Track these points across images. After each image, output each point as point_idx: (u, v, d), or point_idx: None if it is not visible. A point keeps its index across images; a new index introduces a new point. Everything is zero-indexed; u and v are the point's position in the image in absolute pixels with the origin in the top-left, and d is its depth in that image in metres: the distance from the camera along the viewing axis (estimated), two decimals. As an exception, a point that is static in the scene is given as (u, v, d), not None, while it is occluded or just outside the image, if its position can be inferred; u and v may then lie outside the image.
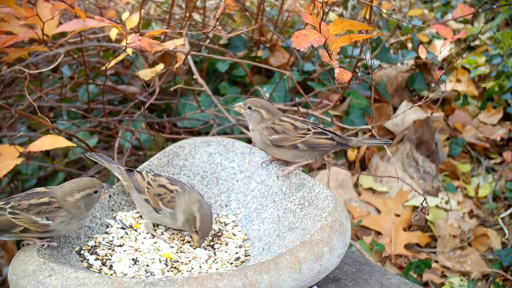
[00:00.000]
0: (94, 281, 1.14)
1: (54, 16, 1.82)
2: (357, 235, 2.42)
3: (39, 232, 1.29)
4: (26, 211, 1.29)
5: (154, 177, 1.50)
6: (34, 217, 1.29)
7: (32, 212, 1.29)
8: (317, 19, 1.37)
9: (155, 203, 1.45)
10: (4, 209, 1.29)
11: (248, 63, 2.09)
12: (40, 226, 1.29)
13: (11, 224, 1.28)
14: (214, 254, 1.40)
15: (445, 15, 4.47)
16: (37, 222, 1.29)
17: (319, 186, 1.46)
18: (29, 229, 1.28)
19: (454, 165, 2.82)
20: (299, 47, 1.34)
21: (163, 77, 2.42)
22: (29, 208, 1.29)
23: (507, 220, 2.51)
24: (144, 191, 1.47)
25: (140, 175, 1.50)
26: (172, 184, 1.47)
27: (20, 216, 1.28)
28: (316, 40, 1.36)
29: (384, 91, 2.97)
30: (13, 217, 1.28)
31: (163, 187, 1.47)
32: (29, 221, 1.28)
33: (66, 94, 2.57)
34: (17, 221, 1.28)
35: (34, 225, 1.28)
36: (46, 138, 1.71)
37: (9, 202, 1.30)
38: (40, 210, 1.29)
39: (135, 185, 1.48)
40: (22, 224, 1.28)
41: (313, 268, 1.22)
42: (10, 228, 1.28)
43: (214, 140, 1.72)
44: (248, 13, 2.73)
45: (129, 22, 2.15)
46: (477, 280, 2.26)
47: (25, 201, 1.30)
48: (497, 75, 3.46)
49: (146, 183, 1.48)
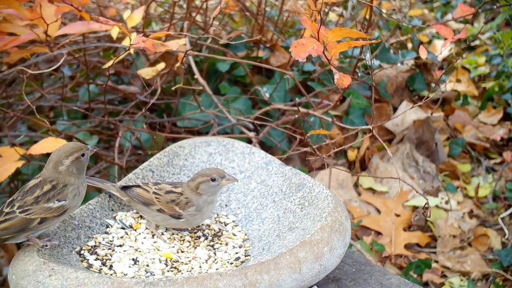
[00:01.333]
0: (94, 281, 1.15)
1: (58, 18, 1.81)
2: (357, 235, 2.42)
3: (56, 216, 1.31)
4: (36, 204, 1.30)
5: (156, 185, 1.49)
6: (46, 204, 1.30)
7: (42, 201, 1.30)
8: (316, 26, 1.37)
9: (171, 209, 1.45)
10: (13, 212, 1.30)
11: (248, 63, 2.09)
12: (55, 210, 1.30)
13: (27, 221, 1.29)
14: (214, 254, 1.40)
15: (445, 15, 4.47)
16: (51, 207, 1.30)
17: (319, 186, 1.46)
18: (46, 218, 1.30)
19: (454, 165, 2.82)
20: (297, 57, 1.35)
21: (164, 76, 2.42)
22: (37, 200, 1.30)
23: (507, 220, 2.51)
24: (154, 203, 1.46)
25: (141, 189, 1.49)
26: (175, 187, 1.48)
27: (32, 210, 1.29)
28: (314, 49, 1.36)
29: (384, 91, 2.97)
30: (26, 214, 1.29)
31: (172, 193, 1.47)
32: (43, 211, 1.29)
33: (67, 94, 2.57)
34: (32, 215, 1.29)
35: (49, 212, 1.30)
36: (47, 141, 1.72)
37: (14, 205, 1.31)
38: (48, 197, 1.31)
39: (140, 200, 1.47)
40: (37, 216, 1.29)
41: (313, 268, 1.22)
42: (27, 224, 1.29)
43: (214, 140, 1.73)
44: (248, 13, 2.73)
45: (130, 20, 2.14)
46: (477, 280, 2.26)
47: (29, 197, 1.31)
48: (497, 75, 3.46)
49: (153, 194, 1.47)
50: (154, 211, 1.46)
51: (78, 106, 2.53)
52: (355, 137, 2.72)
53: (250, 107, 2.58)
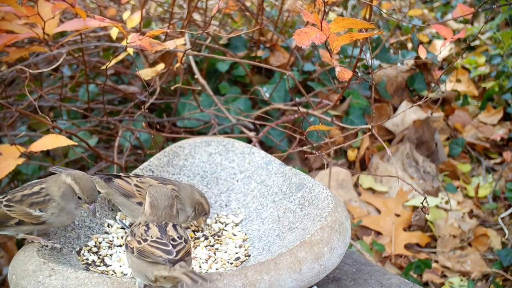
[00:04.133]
0: (94, 281, 1.14)
1: (55, 15, 1.81)
2: (357, 235, 2.42)
3: (34, 224, 1.31)
4: (20, 203, 1.30)
5: (139, 178, 1.46)
6: (28, 209, 1.30)
7: (25, 203, 1.30)
8: (318, 17, 1.37)
9: None
10: (0, 202, 1.31)
11: (248, 62, 2.09)
12: (34, 218, 1.30)
13: (6, 217, 1.29)
14: (214, 254, 1.40)
15: (445, 15, 4.47)
16: (31, 214, 1.30)
17: (319, 186, 1.46)
18: (23, 221, 1.30)
19: (454, 165, 2.82)
20: (300, 44, 1.34)
21: (163, 76, 2.42)
22: (22, 199, 1.31)
23: (507, 220, 2.51)
24: (135, 195, 1.44)
25: (122, 180, 1.46)
26: (163, 184, 1.43)
27: (14, 208, 1.30)
28: (317, 37, 1.36)
29: (384, 91, 2.97)
30: (8, 210, 1.30)
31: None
32: (23, 213, 1.29)
33: (66, 94, 2.57)
34: (12, 213, 1.29)
35: (28, 217, 1.30)
36: (47, 138, 1.71)
37: (6, 196, 1.32)
38: (32, 201, 1.30)
39: (120, 191, 1.45)
40: (16, 216, 1.29)
41: (313, 268, 1.22)
42: (6, 220, 1.29)
43: (214, 140, 1.72)
44: (248, 13, 2.73)
45: (130, 21, 2.14)
46: (477, 280, 2.26)
47: (19, 193, 1.32)
48: (497, 75, 3.45)
49: (134, 186, 1.44)
50: (134, 203, 1.44)
51: (77, 106, 2.53)
52: (355, 137, 2.72)
53: (250, 107, 2.58)
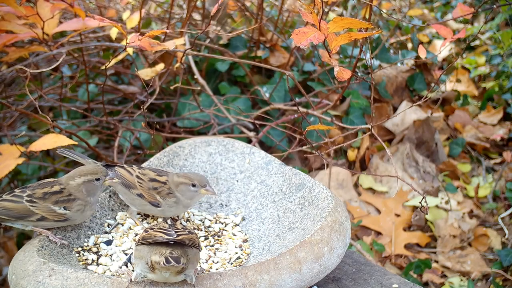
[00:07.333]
0: (94, 281, 1.14)
1: (54, 15, 1.81)
2: (357, 235, 2.42)
3: (55, 221, 1.32)
4: (43, 200, 1.32)
5: (140, 170, 1.49)
6: (52, 206, 1.32)
7: (49, 201, 1.32)
8: (317, 17, 1.37)
9: (151, 197, 1.45)
10: (21, 197, 1.32)
11: (248, 62, 2.09)
12: (57, 215, 1.32)
13: (29, 212, 1.30)
14: (214, 254, 1.40)
15: (445, 15, 4.47)
16: (55, 211, 1.31)
17: (319, 186, 1.46)
18: (46, 217, 1.31)
19: (454, 165, 2.82)
20: (299, 44, 1.34)
21: (163, 77, 2.42)
22: (44, 197, 1.32)
23: (507, 220, 2.51)
24: (136, 186, 1.46)
25: (125, 170, 1.48)
26: (159, 175, 1.47)
27: (38, 205, 1.31)
28: (316, 37, 1.36)
29: (384, 91, 2.97)
30: (31, 205, 1.31)
31: (155, 181, 1.46)
32: (47, 210, 1.31)
33: (66, 94, 2.57)
34: (35, 209, 1.31)
35: (51, 214, 1.31)
36: (47, 137, 1.71)
37: (25, 191, 1.33)
38: (57, 200, 1.32)
39: (122, 181, 1.46)
40: (39, 213, 1.31)
41: (313, 268, 1.22)
42: (27, 215, 1.31)
43: (214, 140, 1.72)
44: (248, 13, 2.73)
45: (129, 22, 2.14)
46: (477, 280, 2.26)
47: (39, 190, 1.33)
48: (497, 75, 3.45)
49: (136, 178, 1.46)
50: (134, 194, 1.46)
51: (77, 106, 2.53)
52: (355, 137, 2.72)
53: (250, 107, 2.58)
